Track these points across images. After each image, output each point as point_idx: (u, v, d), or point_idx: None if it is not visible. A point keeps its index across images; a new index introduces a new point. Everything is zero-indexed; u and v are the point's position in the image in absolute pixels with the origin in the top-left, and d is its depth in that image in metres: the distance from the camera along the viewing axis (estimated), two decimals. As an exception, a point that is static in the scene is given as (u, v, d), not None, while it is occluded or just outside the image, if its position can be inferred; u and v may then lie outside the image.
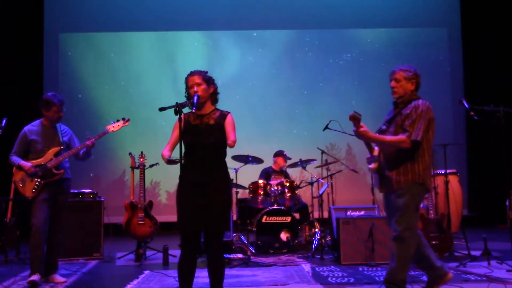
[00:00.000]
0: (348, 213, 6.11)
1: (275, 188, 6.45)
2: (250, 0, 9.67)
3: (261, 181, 6.58)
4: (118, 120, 4.73)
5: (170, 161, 3.36)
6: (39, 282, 4.45)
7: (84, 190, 6.27)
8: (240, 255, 5.78)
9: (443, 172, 6.17)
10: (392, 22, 9.70)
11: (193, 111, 3.42)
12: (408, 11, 9.72)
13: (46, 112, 4.68)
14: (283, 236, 6.23)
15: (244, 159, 6.63)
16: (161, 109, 3.44)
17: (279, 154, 7.23)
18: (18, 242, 5.99)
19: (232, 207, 3.67)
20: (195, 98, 3.42)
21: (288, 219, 6.27)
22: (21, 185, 4.57)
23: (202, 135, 3.43)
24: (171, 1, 9.59)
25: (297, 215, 6.71)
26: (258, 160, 6.71)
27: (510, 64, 9.18)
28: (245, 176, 7.28)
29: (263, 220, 6.26)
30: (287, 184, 6.48)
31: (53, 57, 9.38)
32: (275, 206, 6.37)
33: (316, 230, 6.17)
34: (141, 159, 6.04)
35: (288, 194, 6.44)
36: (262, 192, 6.48)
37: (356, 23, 9.64)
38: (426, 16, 9.70)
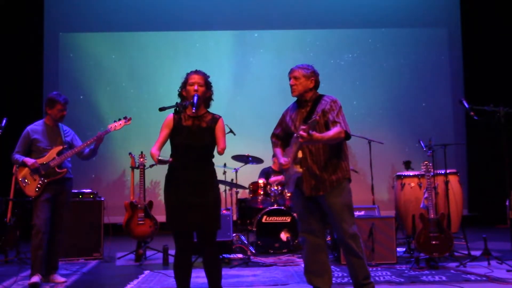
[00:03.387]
0: (348, 213, 6.10)
1: (275, 188, 6.45)
2: (251, 0, 9.67)
3: (261, 181, 6.57)
4: (120, 119, 4.75)
5: (161, 161, 3.32)
6: (40, 283, 4.44)
7: (84, 190, 6.27)
8: (240, 255, 5.78)
9: (443, 172, 6.17)
10: (392, 22, 9.69)
11: (193, 111, 3.42)
12: (408, 11, 9.71)
13: (49, 110, 4.69)
14: (283, 236, 6.23)
15: (244, 159, 6.63)
16: (161, 109, 3.44)
17: (278, 154, 7.22)
18: (18, 242, 5.98)
19: (221, 206, 3.67)
20: (195, 98, 3.42)
21: (288, 219, 6.27)
22: (24, 184, 4.57)
23: (193, 137, 3.42)
24: (172, 1, 9.59)
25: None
26: (258, 160, 6.71)
27: (510, 64, 9.18)
28: (245, 176, 7.27)
29: (263, 220, 6.25)
30: (287, 184, 6.48)
31: (53, 57, 9.38)
32: (275, 206, 6.37)
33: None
34: (141, 159, 6.04)
35: (288, 194, 6.43)
36: (262, 192, 6.48)
37: (357, 23, 9.63)
38: (426, 16, 9.69)
